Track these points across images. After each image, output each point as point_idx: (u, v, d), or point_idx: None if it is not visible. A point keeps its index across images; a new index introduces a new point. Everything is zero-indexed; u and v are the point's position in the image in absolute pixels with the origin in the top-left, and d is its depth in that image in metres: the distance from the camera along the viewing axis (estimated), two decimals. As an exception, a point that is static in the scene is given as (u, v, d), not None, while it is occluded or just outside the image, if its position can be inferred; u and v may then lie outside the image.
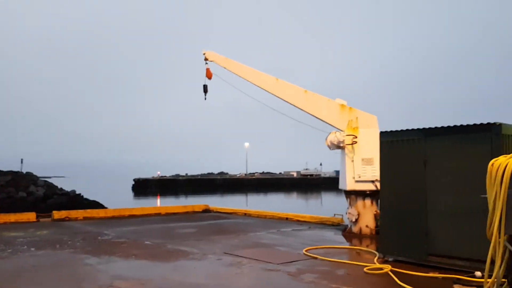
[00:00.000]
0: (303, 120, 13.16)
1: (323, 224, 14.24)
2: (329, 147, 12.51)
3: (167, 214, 17.37)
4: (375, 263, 7.89)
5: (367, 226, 11.73)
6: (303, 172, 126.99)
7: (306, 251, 9.15)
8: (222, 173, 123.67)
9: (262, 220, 15.72)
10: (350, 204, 12.06)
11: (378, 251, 8.66)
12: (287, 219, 15.70)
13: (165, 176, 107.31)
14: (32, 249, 9.61)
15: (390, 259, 8.17)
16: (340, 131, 12.12)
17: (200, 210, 18.61)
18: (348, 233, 12.04)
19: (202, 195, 67.54)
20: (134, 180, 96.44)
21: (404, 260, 7.91)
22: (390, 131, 8.55)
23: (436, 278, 6.87)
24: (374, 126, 11.90)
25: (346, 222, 12.75)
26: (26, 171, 46.01)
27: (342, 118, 12.16)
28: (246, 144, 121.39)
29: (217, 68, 13.96)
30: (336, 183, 13.09)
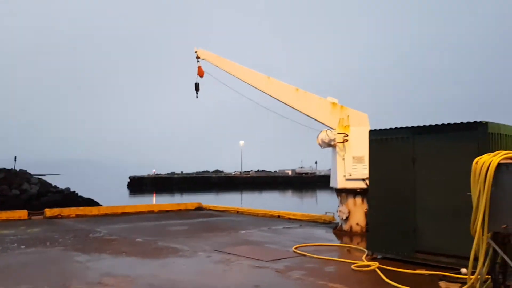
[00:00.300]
0: (296, 119, 13.21)
1: (314, 222, 14.30)
2: (320, 146, 12.56)
3: (160, 212, 17.37)
4: (363, 261, 7.95)
5: (357, 224, 11.80)
6: (298, 170, 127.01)
7: (296, 248, 9.19)
8: (217, 171, 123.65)
9: (254, 218, 15.75)
10: (341, 202, 12.12)
11: (367, 248, 8.73)
12: (279, 217, 15.75)
13: (160, 174, 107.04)
14: (22, 246, 9.60)
15: (378, 257, 8.24)
16: (331, 130, 12.16)
17: (193, 208, 18.62)
18: (338, 231, 12.10)
19: (197, 193, 67.44)
20: (129, 178, 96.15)
21: (392, 258, 7.98)
22: (379, 129, 8.60)
23: (422, 274, 6.94)
24: (365, 125, 11.95)
25: (337, 220, 12.81)
26: (19, 169, 45.82)
27: (333, 117, 12.21)
28: (241, 142, 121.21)
29: (209, 67, 13.96)
30: (330, 181, 13.11)
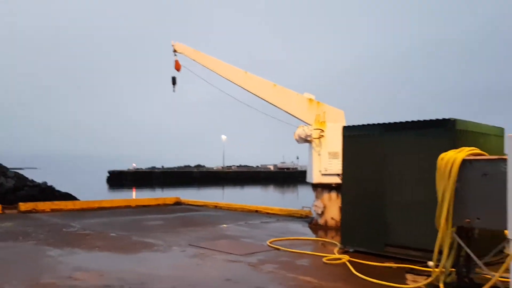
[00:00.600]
0: (277, 115, 13.26)
1: (291, 216, 14.45)
2: (297, 141, 12.67)
3: (137, 207, 17.26)
4: (335, 254, 8.09)
5: (332, 218, 11.97)
6: (279, 165, 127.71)
7: (270, 242, 9.29)
8: (199, 166, 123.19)
9: (232, 213, 15.81)
10: (317, 197, 12.28)
11: (340, 242, 8.88)
12: (257, 211, 15.85)
13: (141, 168, 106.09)
14: (-6, 241, 9.45)
15: (350, 250, 8.40)
16: (308, 125, 12.28)
17: (171, 203, 18.56)
18: (314, 225, 12.26)
19: (179, 188, 67.09)
20: (108, 172, 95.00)
21: (364, 251, 8.14)
22: (352, 125, 8.74)
23: (390, 267, 7.11)
24: (341, 121, 12.10)
25: (313, 214, 12.97)
26: (-5, 162, 44.81)
27: (310, 112, 12.32)
28: (223, 137, 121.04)
29: (187, 61, 13.89)
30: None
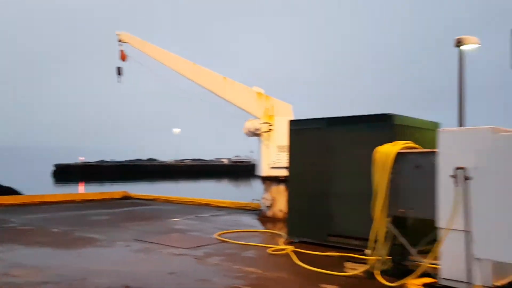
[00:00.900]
0: (228, 108, 13.25)
1: (242, 209, 14.57)
2: (247, 135, 12.78)
3: (83, 201, 16.73)
4: (280, 245, 8.27)
5: (280, 211, 12.20)
6: (234, 159, 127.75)
7: (218, 235, 9.34)
8: (151, 159, 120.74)
9: (183, 206, 15.71)
10: (266, 189, 12.47)
11: (287, 233, 9.08)
12: (208, 205, 15.84)
13: (89, 162, 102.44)
14: None
15: (295, 241, 8.61)
16: (257, 119, 12.41)
17: (119, 197, 18.14)
18: (263, 217, 12.45)
19: (130, 182, 65.48)
20: (54, 165, 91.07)
21: (308, 241, 8.38)
22: (298, 119, 8.95)
23: (332, 256, 7.38)
24: (289, 115, 12.33)
25: (262, 207, 13.14)
26: None
27: (259, 106, 12.45)
28: (177, 130, 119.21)
29: (136, 52, 13.57)
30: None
